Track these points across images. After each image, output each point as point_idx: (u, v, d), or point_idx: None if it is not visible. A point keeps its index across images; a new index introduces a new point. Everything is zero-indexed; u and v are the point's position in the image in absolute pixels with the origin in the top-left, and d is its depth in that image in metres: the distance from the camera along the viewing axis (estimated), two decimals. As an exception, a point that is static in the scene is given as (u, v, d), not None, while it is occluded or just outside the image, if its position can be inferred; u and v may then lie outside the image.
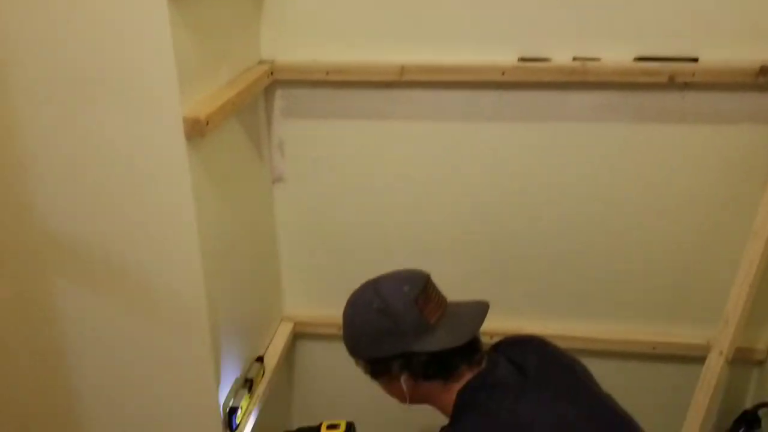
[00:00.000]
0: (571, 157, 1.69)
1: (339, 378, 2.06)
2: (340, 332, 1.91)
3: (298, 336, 2.00)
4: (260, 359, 1.72)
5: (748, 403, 1.90)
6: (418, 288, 1.31)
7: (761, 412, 1.76)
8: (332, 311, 1.94)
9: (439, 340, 1.27)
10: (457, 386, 1.29)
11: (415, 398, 1.34)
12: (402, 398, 1.36)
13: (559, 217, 1.77)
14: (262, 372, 1.69)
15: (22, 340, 1.40)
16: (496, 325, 1.44)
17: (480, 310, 1.35)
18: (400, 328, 1.27)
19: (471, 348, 1.31)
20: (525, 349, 1.35)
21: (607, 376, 1.39)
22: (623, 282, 1.83)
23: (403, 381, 1.31)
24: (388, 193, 1.80)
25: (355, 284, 1.42)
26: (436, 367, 1.28)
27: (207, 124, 1.23)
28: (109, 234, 1.29)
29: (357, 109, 1.71)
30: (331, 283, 1.93)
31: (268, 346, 1.84)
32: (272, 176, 1.80)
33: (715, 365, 1.65)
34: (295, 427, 1.64)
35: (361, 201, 1.82)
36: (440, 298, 1.34)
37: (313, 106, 1.72)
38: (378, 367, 1.34)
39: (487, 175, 1.74)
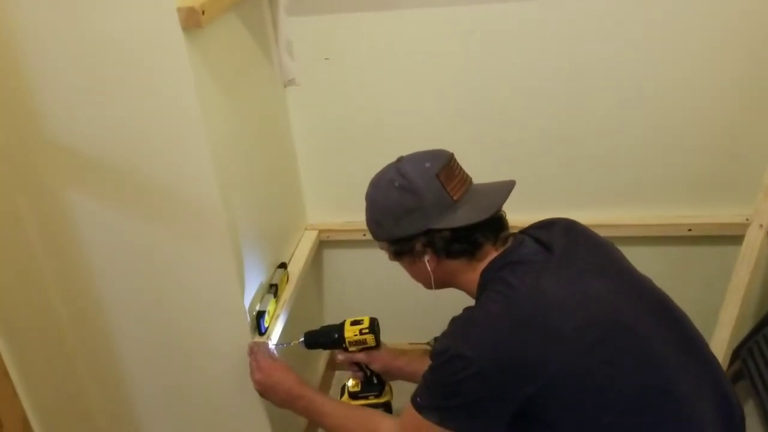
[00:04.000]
0: (599, 32, 1.60)
1: (366, 282, 2.06)
2: (364, 237, 1.92)
3: (323, 244, 1.98)
4: (283, 265, 1.71)
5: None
6: (441, 164, 1.25)
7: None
8: (355, 217, 1.94)
9: (461, 216, 1.23)
10: (481, 265, 1.25)
11: (439, 280, 1.31)
12: (426, 280, 1.32)
13: (587, 99, 1.69)
14: (286, 278, 1.68)
15: (47, 258, 1.40)
16: (525, 217, 1.39)
17: (505, 186, 1.29)
18: (422, 205, 1.23)
19: (496, 226, 1.26)
20: (552, 229, 1.29)
21: (642, 261, 1.33)
22: (655, 165, 1.76)
23: (427, 260, 1.27)
24: (405, 89, 1.74)
25: None
26: (459, 244, 1.24)
27: (203, 13, 1.18)
28: (118, 139, 1.26)
29: (364, 0, 1.63)
30: (353, 188, 1.87)
31: (293, 254, 1.82)
32: (283, 79, 1.74)
33: (755, 238, 1.59)
34: (323, 329, 1.64)
35: (378, 100, 1.76)
36: (464, 176, 1.29)
37: (319, 0, 1.64)
38: (401, 247, 1.29)
39: (508, 60, 1.66)
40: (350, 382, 1.64)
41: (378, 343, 1.56)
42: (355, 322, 1.56)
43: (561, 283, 1.14)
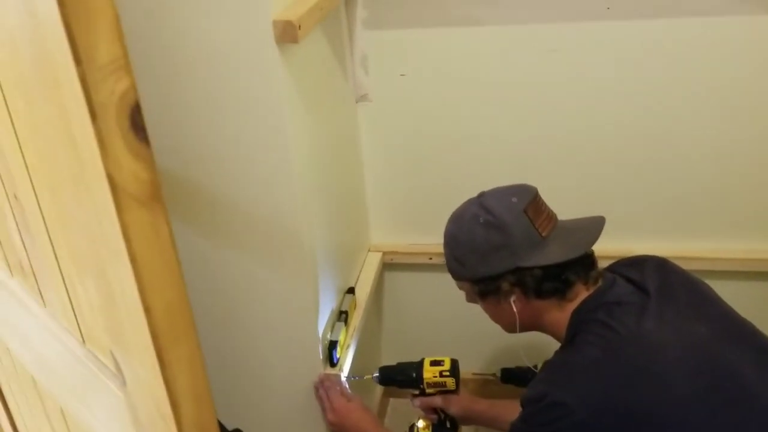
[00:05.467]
0: (688, 58, 1.51)
1: (429, 309, 1.97)
2: (430, 260, 1.84)
3: (386, 266, 1.89)
4: (351, 290, 1.63)
5: None
6: (527, 199, 1.20)
7: None
8: (420, 239, 1.85)
9: (553, 253, 1.17)
10: (571, 306, 1.18)
11: (525, 321, 1.24)
12: (510, 322, 1.25)
13: (671, 126, 1.60)
14: (354, 304, 1.59)
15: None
16: (604, 246, 1.31)
17: (596, 223, 1.23)
18: (510, 241, 1.16)
19: (586, 264, 1.20)
20: (643, 268, 1.22)
21: (727, 297, 1.24)
22: (741, 196, 1.66)
23: (514, 301, 1.20)
24: (481, 109, 1.65)
25: (446, 210, 1.30)
26: (550, 283, 1.17)
27: (299, 28, 1.10)
28: (203, 156, 1.19)
29: (446, 15, 1.55)
30: (420, 209, 1.82)
31: (358, 277, 1.73)
32: (356, 95, 1.66)
33: None
34: (385, 362, 1.55)
35: (453, 120, 1.68)
36: (550, 212, 1.23)
37: (398, 15, 1.57)
38: (486, 287, 1.23)
39: (594, 82, 1.57)
40: (420, 423, 1.55)
41: (458, 387, 1.47)
42: (434, 363, 1.47)
43: (663, 328, 1.08)
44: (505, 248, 1.17)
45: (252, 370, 1.41)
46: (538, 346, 1.89)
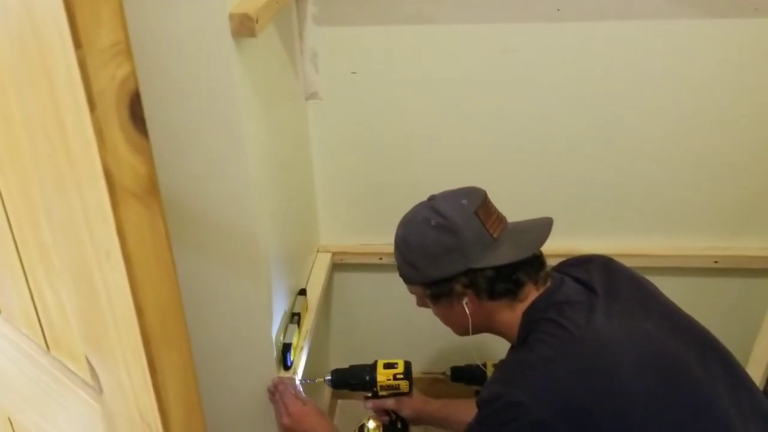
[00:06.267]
0: (635, 59, 1.55)
1: (379, 309, 1.96)
2: (380, 261, 1.83)
3: (336, 267, 1.87)
4: (303, 292, 1.60)
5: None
6: (478, 201, 1.20)
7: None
8: (370, 239, 1.84)
9: (504, 254, 1.17)
10: (522, 306, 1.19)
11: (477, 323, 1.24)
12: (463, 325, 1.25)
13: (617, 126, 1.64)
14: (305, 306, 1.57)
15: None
16: (552, 245, 1.33)
17: (544, 224, 1.25)
18: (462, 244, 1.16)
19: (536, 264, 1.21)
20: (589, 268, 1.25)
21: (667, 292, 1.28)
22: (683, 195, 1.72)
23: (466, 303, 1.20)
24: (432, 109, 1.65)
25: (396, 210, 1.29)
26: (502, 284, 1.18)
27: (257, 21, 1.07)
28: (158, 156, 1.14)
29: (398, 13, 1.54)
30: (370, 209, 1.80)
31: (308, 278, 1.71)
32: (306, 93, 1.63)
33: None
34: (334, 364, 1.53)
35: (405, 120, 1.67)
36: (500, 214, 1.24)
37: (349, 11, 1.54)
38: (439, 290, 1.22)
39: (545, 83, 1.59)
40: (371, 424, 1.53)
41: (411, 389, 1.46)
42: (388, 365, 1.46)
43: (612, 325, 1.10)
44: (456, 250, 1.17)
45: (206, 373, 1.35)
46: (488, 345, 1.91)
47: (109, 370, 0.56)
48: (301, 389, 1.40)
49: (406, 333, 1.97)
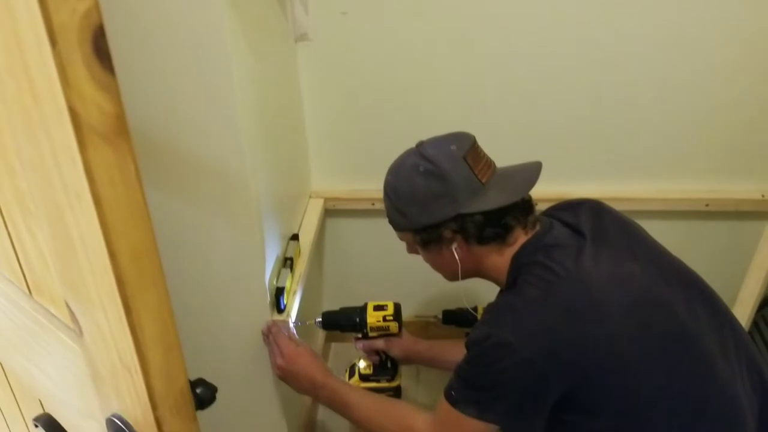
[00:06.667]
0: (616, 4, 1.52)
1: (371, 254, 1.97)
2: (373, 206, 1.83)
3: (327, 213, 1.87)
4: (295, 237, 1.60)
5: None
6: (466, 146, 1.18)
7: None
8: (363, 185, 1.83)
9: (493, 199, 1.17)
10: (511, 250, 1.19)
11: (466, 268, 1.24)
12: (452, 270, 1.25)
13: (606, 71, 1.62)
14: (298, 251, 1.57)
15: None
16: (543, 189, 1.32)
17: (532, 168, 1.23)
18: (451, 189, 1.16)
19: (525, 208, 1.21)
20: (578, 211, 1.25)
21: (659, 236, 1.29)
22: (674, 139, 1.71)
23: (456, 248, 1.20)
24: (425, 51, 1.62)
25: (387, 156, 1.28)
26: (491, 228, 1.18)
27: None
28: (146, 102, 1.12)
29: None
30: (362, 154, 1.79)
31: (300, 224, 1.71)
32: (294, 34, 1.60)
33: (783, 218, 1.57)
34: (327, 307, 1.54)
35: (395, 62, 1.64)
36: (488, 159, 1.22)
37: (339, -50, 1.51)
38: (428, 236, 1.22)
39: (537, 26, 1.56)
40: (362, 364, 1.56)
41: (400, 330, 1.48)
42: (378, 307, 1.47)
43: (600, 268, 1.10)
44: (446, 196, 1.16)
45: (200, 318, 1.37)
46: (479, 289, 1.93)
47: (87, 313, 0.56)
48: (295, 332, 1.42)
49: (398, 277, 1.98)
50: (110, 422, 0.63)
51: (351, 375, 1.58)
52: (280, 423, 1.58)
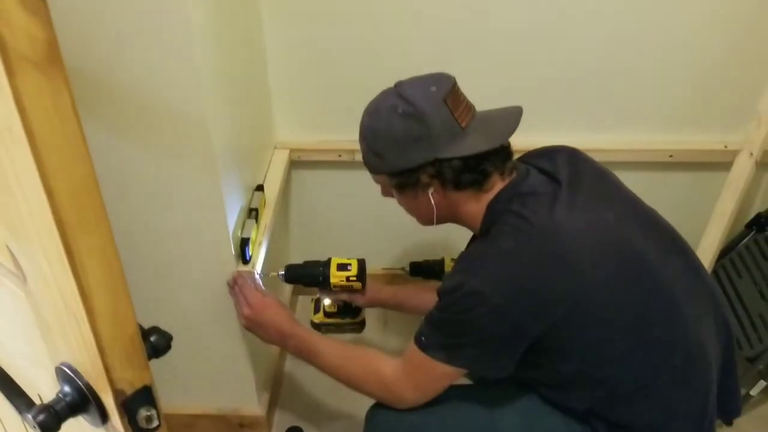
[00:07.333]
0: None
1: (338, 207, 1.95)
2: (339, 158, 1.80)
3: (293, 164, 1.84)
4: (260, 188, 1.57)
5: (759, 207, 1.88)
6: (447, 88, 1.14)
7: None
8: (329, 136, 1.80)
9: (472, 144, 1.14)
10: (488, 197, 1.18)
11: (442, 213, 1.22)
12: (427, 215, 1.23)
13: (572, 23, 1.60)
14: (263, 202, 1.54)
15: None
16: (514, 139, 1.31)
17: (513, 113, 1.21)
18: (430, 132, 1.12)
19: (503, 155, 1.19)
20: (555, 159, 1.24)
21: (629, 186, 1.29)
22: (638, 90, 1.71)
23: (432, 193, 1.18)
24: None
25: (354, 107, 1.24)
26: (469, 174, 1.15)
27: None
28: (103, 45, 1.07)
29: None
30: (328, 105, 1.75)
31: (265, 175, 1.68)
32: (257, -21, 1.55)
33: (743, 167, 1.58)
34: (293, 259, 1.53)
35: (360, 6, 1.59)
36: (468, 103, 1.19)
37: None
38: (405, 180, 1.19)
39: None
40: (327, 301, 1.56)
41: (364, 287, 1.47)
42: (341, 266, 1.45)
43: (574, 216, 1.09)
44: (424, 139, 1.13)
45: (161, 267, 1.35)
46: (446, 241, 1.93)
47: (29, 257, 0.54)
48: (261, 283, 1.40)
49: (365, 230, 1.97)
50: (59, 371, 0.61)
51: (316, 310, 1.58)
52: (248, 373, 1.58)
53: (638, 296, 1.09)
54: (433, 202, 1.19)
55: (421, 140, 1.13)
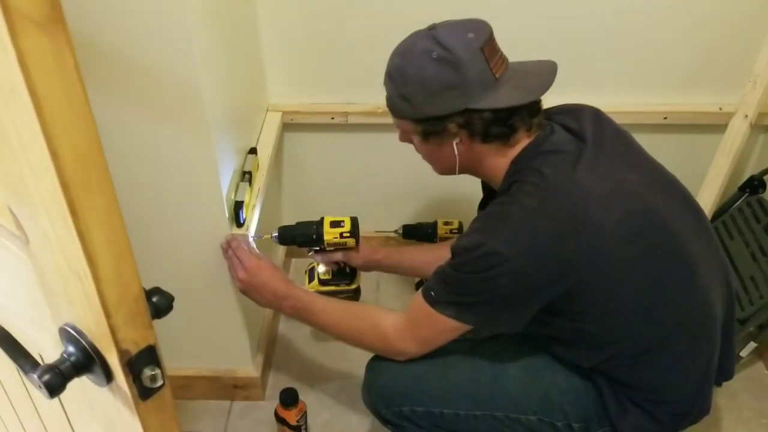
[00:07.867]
0: None
1: (331, 169, 1.95)
2: (332, 120, 1.79)
3: (285, 127, 1.83)
4: (253, 151, 1.56)
5: (752, 169, 1.89)
6: (484, 37, 1.10)
7: (768, 177, 1.75)
8: (321, 98, 1.79)
9: (506, 97, 1.10)
10: (512, 152, 1.15)
11: (464, 165, 1.20)
12: (449, 165, 1.20)
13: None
14: (257, 164, 1.54)
15: None
16: None
17: (548, 68, 1.17)
18: (464, 80, 1.08)
19: (533, 110, 1.15)
20: (580, 116, 1.21)
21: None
22: (632, 52, 1.70)
23: (457, 143, 1.15)
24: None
25: (347, 69, 1.21)
26: (498, 127, 1.12)
27: None
28: (93, 7, 1.05)
29: None
30: (321, 67, 1.74)
31: (258, 138, 1.67)
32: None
33: (738, 129, 1.59)
34: (286, 222, 1.53)
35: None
36: (503, 54, 1.15)
37: None
38: (431, 127, 1.15)
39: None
40: (321, 269, 1.57)
41: (358, 244, 1.48)
42: (335, 223, 1.46)
43: (597, 176, 1.08)
44: (458, 87, 1.09)
45: (155, 230, 1.35)
46: (439, 204, 1.94)
47: (31, 218, 0.54)
48: (255, 246, 1.41)
49: (358, 192, 1.98)
50: (63, 331, 0.62)
51: (311, 279, 1.59)
52: (242, 335, 1.59)
53: (656, 259, 1.09)
54: (456, 152, 1.16)
55: (454, 88, 1.09)
